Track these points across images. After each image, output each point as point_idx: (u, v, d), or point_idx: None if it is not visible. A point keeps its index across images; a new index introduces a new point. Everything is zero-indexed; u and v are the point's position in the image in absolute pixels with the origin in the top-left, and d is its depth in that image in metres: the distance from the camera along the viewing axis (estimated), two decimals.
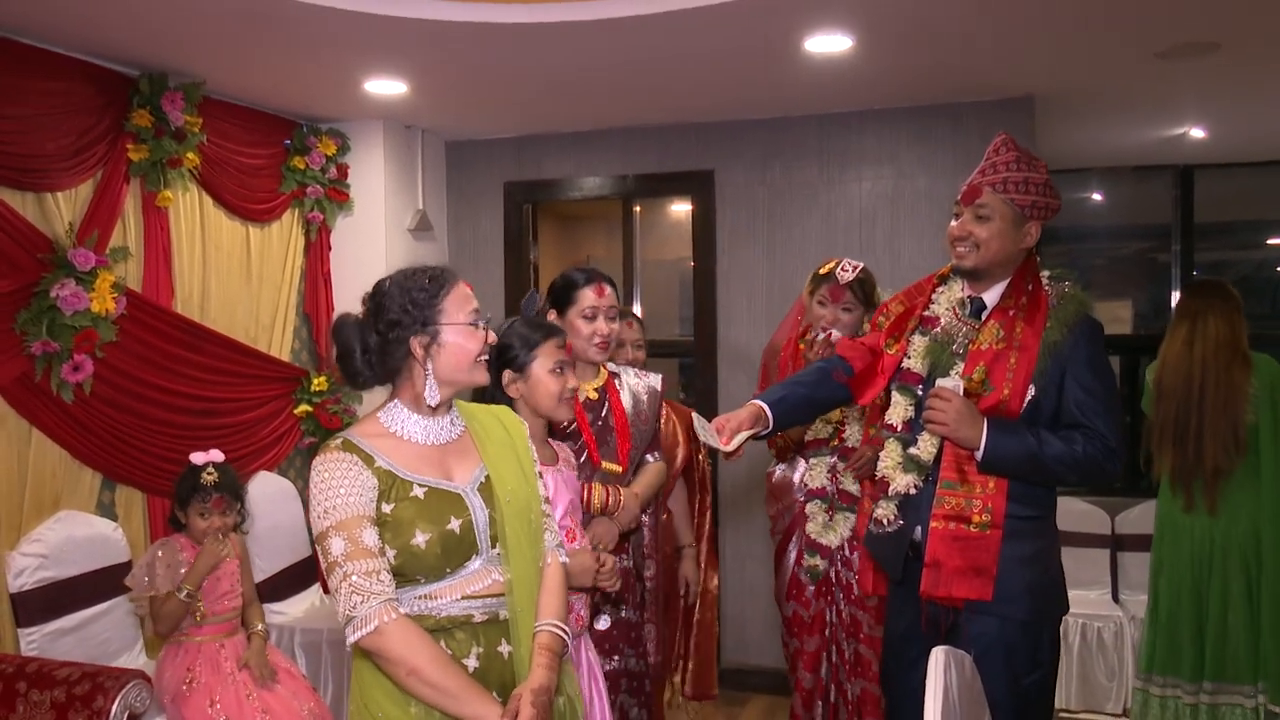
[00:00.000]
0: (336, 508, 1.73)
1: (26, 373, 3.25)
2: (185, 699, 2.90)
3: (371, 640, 1.69)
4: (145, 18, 3.19)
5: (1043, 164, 2.33)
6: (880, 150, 4.51)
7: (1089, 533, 4.58)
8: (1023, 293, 2.30)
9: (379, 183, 4.67)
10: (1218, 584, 3.33)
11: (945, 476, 2.29)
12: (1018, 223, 2.28)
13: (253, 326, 4.27)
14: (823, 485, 3.12)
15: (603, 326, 2.65)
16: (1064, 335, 2.23)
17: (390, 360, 1.84)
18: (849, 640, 3.07)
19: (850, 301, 3.05)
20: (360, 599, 1.68)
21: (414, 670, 1.68)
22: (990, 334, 2.29)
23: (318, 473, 1.77)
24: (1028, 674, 2.26)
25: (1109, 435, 2.21)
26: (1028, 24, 3.37)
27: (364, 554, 1.71)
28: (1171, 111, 4.57)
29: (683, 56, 3.67)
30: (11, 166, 3.20)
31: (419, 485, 1.80)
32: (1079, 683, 4.26)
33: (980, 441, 2.21)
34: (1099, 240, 6.28)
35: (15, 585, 3.08)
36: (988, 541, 2.23)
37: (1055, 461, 2.20)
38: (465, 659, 1.77)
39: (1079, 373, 2.23)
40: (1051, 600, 2.32)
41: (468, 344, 1.85)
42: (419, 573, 1.77)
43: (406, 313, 1.83)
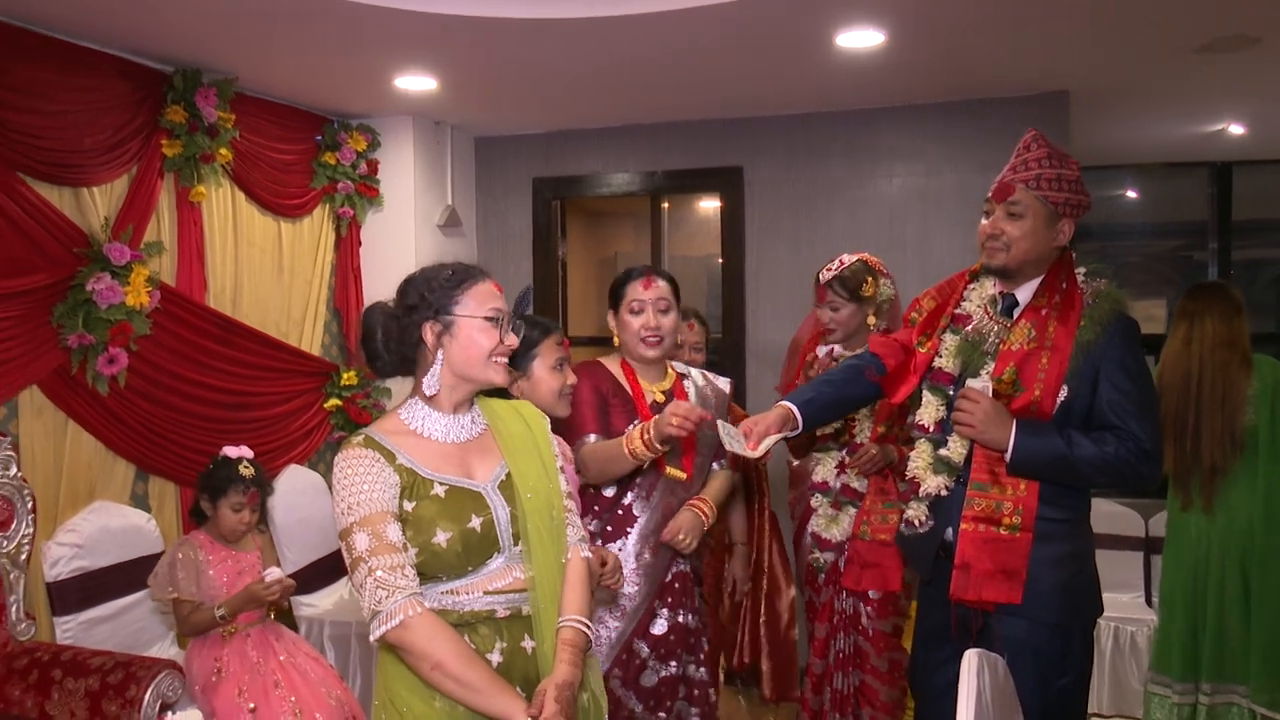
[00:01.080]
0: (360, 504, 1.74)
1: (63, 365, 3.29)
2: (214, 689, 2.93)
3: (396, 634, 1.69)
4: (179, 15, 3.22)
5: (1074, 161, 2.29)
6: (911, 146, 4.48)
7: (1122, 535, 4.52)
8: (1056, 291, 2.26)
9: (409, 178, 4.69)
10: (1214, 584, 3.31)
11: (976, 478, 2.26)
12: (1051, 220, 2.24)
13: (284, 321, 4.30)
14: (826, 480, 3.10)
15: (650, 319, 2.58)
16: (1098, 334, 2.19)
17: (405, 346, 1.85)
18: (849, 633, 3.06)
19: (834, 300, 3.01)
20: (385, 593, 1.69)
21: (438, 664, 1.68)
22: (1021, 333, 2.25)
23: (340, 469, 1.78)
24: (1058, 678, 2.23)
25: (1143, 437, 2.16)
26: (1063, 18, 3.32)
27: (388, 549, 1.71)
28: (1209, 107, 4.50)
29: (713, 52, 3.65)
30: (49, 162, 3.24)
31: (440, 484, 1.80)
32: (1111, 687, 4.21)
33: (1008, 443, 2.18)
34: (1133, 238, 6.20)
35: (51, 575, 3.12)
36: (1018, 544, 2.20)
37: (1086, 464, 2.16)
38: (489, 654, 1.78)
39: (1113, 373, 2.19)
40: (1084, 603, 2.28)
41: (481, 339, 1.83)
42: (440, 571, 1.77)
43: (424, 299, 1.84)
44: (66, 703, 2.70)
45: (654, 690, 2.59)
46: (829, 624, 3.10)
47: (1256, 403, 3.29)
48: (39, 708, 2.72)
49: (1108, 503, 4.61)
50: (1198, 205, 5.59)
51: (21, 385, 3.20)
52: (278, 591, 2.97)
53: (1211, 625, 3.30)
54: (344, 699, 3.10)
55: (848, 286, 3.01)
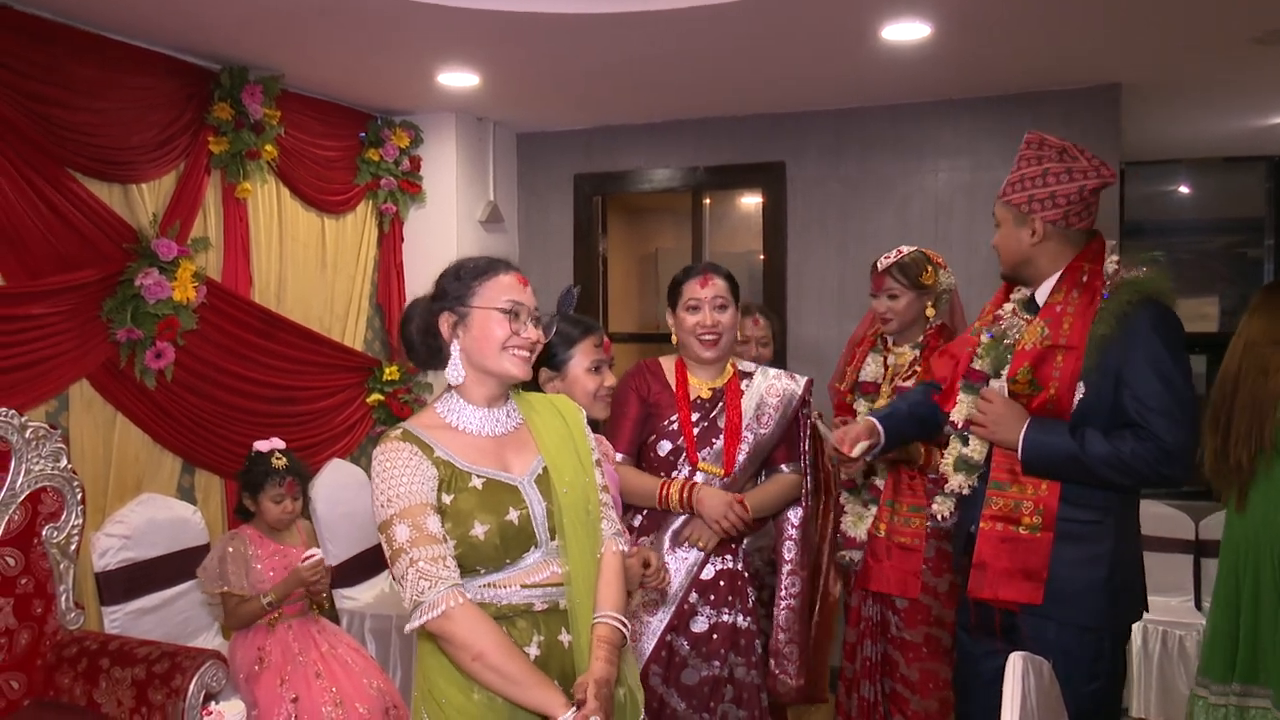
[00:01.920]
0: (401, 495, 1.74)
1: (111, 359, 3.35)
2: (257, 679, 2.96)
3: (438, 624, 1.69)
4: (226, 14, 3.26)
5: (1051, 152, 2.25)
6: (957, 141, 4.41)
7: (1171, 537, 4.42)
8: (1075, 285, 2.22)
9: (451, 174, 4.71)
10: (1249, 583, 3.23)
11: (995, 477, 2.27)
12: (1019, 222, 2.28)
13: (327, 316, 4.34)
14: (854, 478, 3.05)
15: (706, 318, 2.58)
16: (1113, 328, 2.13)
17: (430, 337, 1.87)
18: (875, 641, 3.01)
19: (894, 287, 2.96)
20: (428, 584, 1.69)
21: (479, 655, 1.68)
22: (1035, 332, 2.23)
23: (379, 462, 1.78)
24: (1088, 682, 2.17)
25: (1164, 436, 2.08)
26: (1114, 8, 3.25)
27: (429, 540, 1.71)
28: (1266, 100, 4.39)
29: (756, 46, 3.62)
30: (99, 159, 3.30)
31: (477, 476, 1.80)
32: (1160, 692, 4.13)
33: (1019, 442, 2.18)
34: (1184, 234, 6.06)
35: (100, 565, 3.18)
36: (1038, 544, 2.18)
37: (1099, 463, 2.11)
38: (527, 647, 1.78)
39: (1135, 367, 2.12)
40: (1117, 607, 2.21)
41: (494, 329, 1.82)
42: (478, 563, 1.77)
43: (444, 290, 1.86)
44: (114, 691, 2.74)
45: (695, 689, 2.57)
46: (857, 629, 3.06)
47: None
48: (87, 695, 2.77)
49: (1158, 504, 4.52)
50: (1254, 201, 5.46)
51: (72, 379, 3.26)
52: (319, 571, 3.00)
53: (1245, 626, 3.23)
54: (385, 689, 3.12)
55: (908, 274, 2.95)
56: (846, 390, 3.15)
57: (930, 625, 2.91)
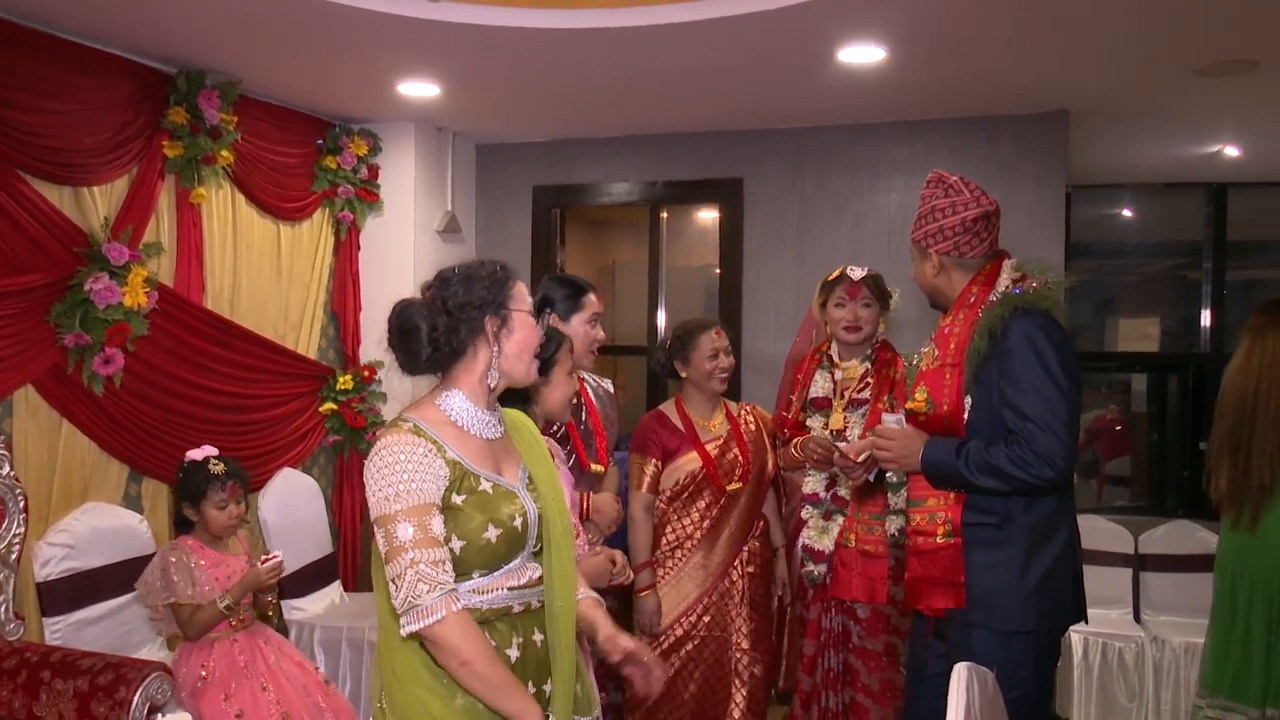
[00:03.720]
0: (410, 492, 1.72)
1: (59, 364, 3.29)
2: (201, 693, 2.91)
3: (434, 629, 1.69)
4: (184, 17, 3.23)
5: (940, 189, 2.41)
6: (912, 161, 4.49)
7: (1111, 551, 4.53)
8: (963, 307, 2.37)
9: (409, 184, 4.70)
10: (1243, 602, 3.30)
11: (912, 494, 2.43)
12: (922, 257, 2.46)
13: (281, 324, 4.30)
14: (816, 491, 3.17)
15: (600, 333, 2.91)
16: (985, 341, 2.25)
17: (457, 339, 1.83)
18: (837, 651, 3.11)
19: (868, 297, 3.14)
20: (427, 588, 1.68)
21: (467, 661, 1.70)
22: (929, 354, 2.39)
23: (389, 452, 1.74)
24: (1009, 688, 2.16)
25: (1037, 439, 2.16)
26: (1064, 38, 3.34)
27: (432, 543, 1.71)
28: (1207, 129, 4.53)
29: (715, 65, 3.67)
30: (50, 160, 3.24)
31: (485, 479, 1.82)
32: (1100, 704, 4.22)
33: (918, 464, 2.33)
34: (1129, 256, 6.23)
35: (41, 574, 3.11)
36: (951, 551, 2.29)
37: (979, 471, 2.22)
38: (508, 649, 1.81)
39: (1008, 378, 2.22)
40: (1040, 612, 2.25)
41: (530, 334, 1.89)
42: (478, 566, 1.79)
43: (479, 294, 1.83)
44: (55, 704, 2.68)
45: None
46: (816, 641, 3.13)
47: None
48: (27, 709, 2.71)
49: (1099, 518, 4.63)
50: (1194, 225, 5.61)
51: (17, 384, 3.20)
52: (278, 574, 3.02)
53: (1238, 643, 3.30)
54: (329, 704, 3.08)
55: (879, 288, 3.17)
56: (798, 409, 3.21)
57: (889, 634, 3.02)
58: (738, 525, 3.17)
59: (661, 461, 3.19)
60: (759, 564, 3.20)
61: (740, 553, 3.17)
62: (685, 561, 3.14)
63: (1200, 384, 5.47)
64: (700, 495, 3.15)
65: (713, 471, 3.14)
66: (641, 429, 3.25)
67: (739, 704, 3.13)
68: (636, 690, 2.02)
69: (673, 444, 3.19)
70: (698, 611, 3.13)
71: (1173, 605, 4.44)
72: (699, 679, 3.14)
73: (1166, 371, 5.82)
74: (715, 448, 3.19)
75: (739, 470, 3.17)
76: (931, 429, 2.34)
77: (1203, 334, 5.53)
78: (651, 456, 3.18)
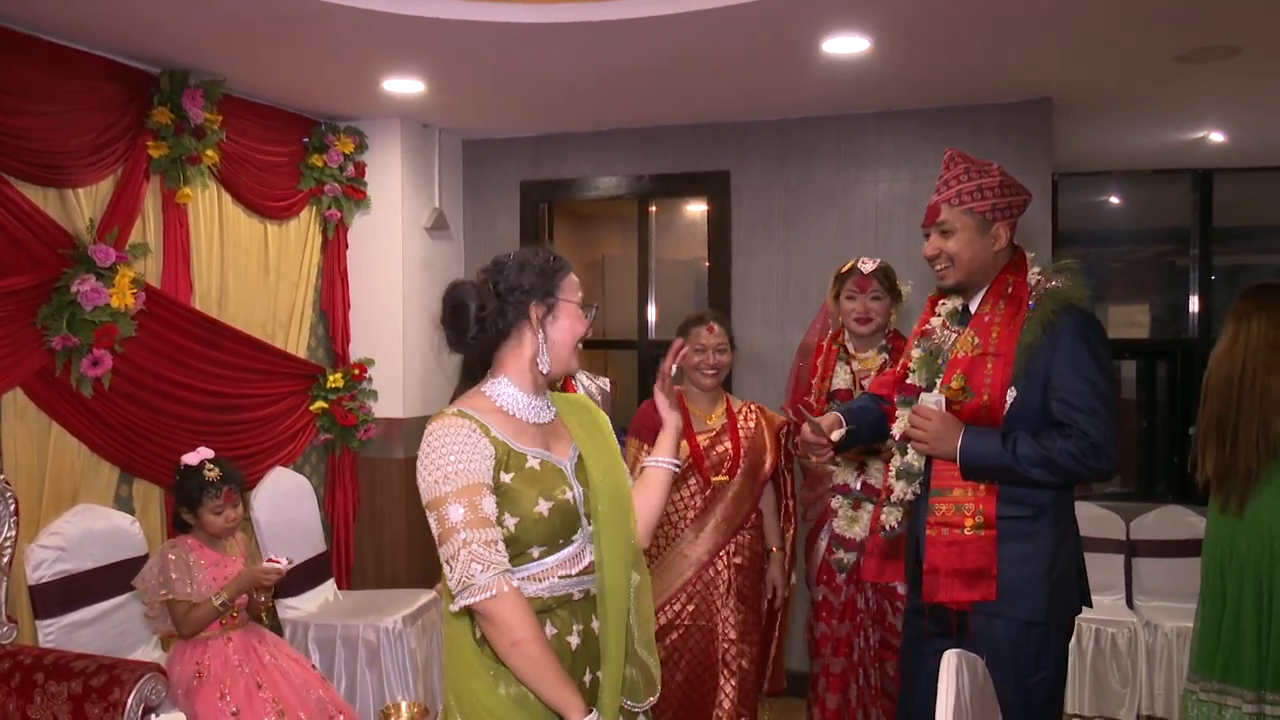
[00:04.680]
0: (458, 473, 1.74)
1: (46, 367, 3.28)
2: (196, 692, 2.92)
3: (489, 605, 1.70)
4: (167, 17, 3.22)
5: (995, 167, 2.38)
6: (898, 152, 4.50)
7: (1103, 537, 4.56)
8: (1000, 296, 2.34)
9: (396, 181, 4.69)
10: (1233, 587, 3.32)
11: (936, 484, 2.37)
12: (982, 229, 2.35)
13: (270, 323, 4.29)
14: (847, 482, 3.24)
15: (711, 358, 3.12)
16: (1039, 335, 2.24)
17: (504, 321, 1.88)
18: (875, 627, 3.22)
19: (878, 290, 3.22)
20: (481, 567, 1.70)
21: (519, 642, 1.71)
22: (967, 342, 2.35)
23: (436, 437, 1.78)
24: (1031, 674, 2.25)
25: (1091, 431, 2.19)
26: (1046, 26, 3.35)
27: (484, 523, 1.73)
28: (1191, 115, 4.54)
29: (700, 58, 3.67)
30: (34, 162, 3.23)
31: (533, 456, 1.85)
32: (1092, 688, 4.25)
33: (957, 453, 2.27)
34: (1117, 243, 6.25)
35: (34, 577, 3.11)
36: (984, 543, 2.27)
37: (1030, 464, 2.21)
38: (569, 637, 1.83)
39: (1061, 370, 2.23)
40: (1059, 600, 2.30)
41: (576, 324, 1.92)
42: (535, 543, 1.80)
43: (529, 280, 1.89)
44: (49, 706, 2.68)
45: None
46: (851, 622, 3.22)
47: None
48: (21, 712, 2.70)
49: (1090, 505, 4.65)
50: (1180, 212, 5.63)
51: (4, 387, 3.19)
52: (276, 577, 3.02)
53: (1228, 626, 3.32)
54: (327, 698, 3.09)
55: (889, 279, 3.24)
56: (823, 400, 3.24)
57: None
58: (724, 517, 3.20)
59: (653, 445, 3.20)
60: (747, 557, 3.23)
61: (727, 544, 3.19)
62: (669, 545, 3.20)
63: (1189, 370, 5.50)
64: (686, 484, 3.21)
65: (698, 461, 3.20)
66: (639, 414, 3.33)
67: (728, 694, 3.15)
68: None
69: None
70: (681, 600, 3.17)
71: (1164, 590, 4.48)
72: (685, 669, 3.16)
73: (1155, 358, 5.85)
74: (706, 439, 3.25)
75: (727, 464, 3.22)
76: (964, 417, 2.30)
77: (1191, 320, 5.56)
78: (645, 441, 3.24)
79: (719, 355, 3.24)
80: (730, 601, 3.17)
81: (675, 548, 3.20)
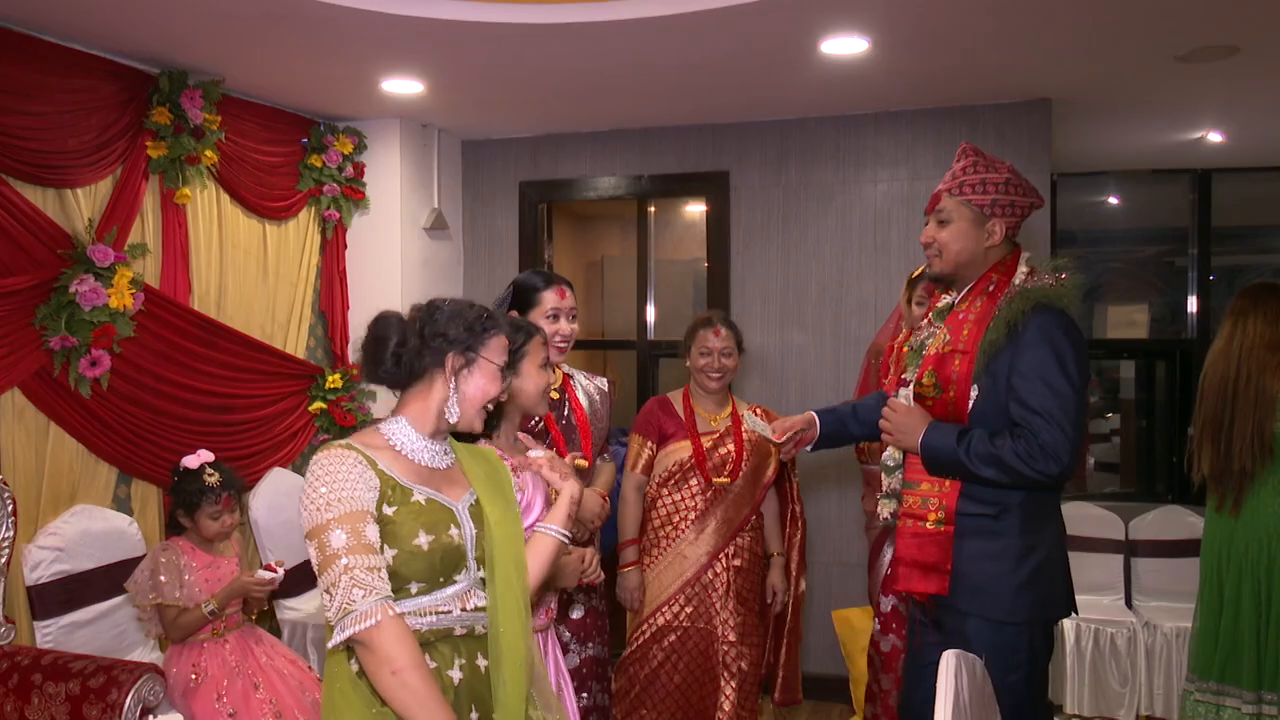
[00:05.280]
0: (341, 500, 1.72)
1: (45, 367, 3.28)
2: (194, 694, 2.92)
3: (369, 633, 1.66)
4: (166, 16, 3.21)
5: (1005, 165, 2.38)
6: (896, 152, 4.51)
7: (1102, 538, 4.56)
8: (981, 293, 2.34)
9: (395, 181, 4.69)
10: (1231, 587, 3.33)
11: (908, 477, 2.41)
12: (978, 222, 2.34)
13: (268, 324, 4.29)
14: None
15: (564, 327, 2.81)
16: (1002, 334, 2.23)
17: (420, 364, 1.87)
18: None
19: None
20: (362, 593, 1.67)
21: (400, 670, 1.66)
22: (940, 338, 2.36)
23: (320, 466, 1.76)
24: (1005, 675, 2.21)
25: (1043, 435, 2.17)
26: (1045, 26, 3.35)
27: (367, 549, 1.70)
28: (1190, 115, 4.55)
29: (699, 58, 3.67)
30: (33, 163, 3.23)
31: (419, 492, 1.83)
32: (1092, 688, 4.24)
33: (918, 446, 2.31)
34: (1116, 244, 6.25)
35: (32, 578, 3.11)
36: (941, 538, 2.29)
37: (980, 461, 2.21)
38: (450, 670, 1.78)
39: (1021, 371, 2.22)
40: (1034, 601, 2.27)
41: (490, 385, 1.91)
42: (413, 578, 1.77)
43: (455, 331, 1.88)
44: (47, 707, 2.68)
45: (574, 671, 2.78)
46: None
47: None
48: (19, 712, 2.71)
49: (1089, 505, 4.66)
50: (1179, 212, 5.64)
51: (3, 388, 3.18)
52: (269, 588, 3.01)
53: (1225, 627, 3.32)
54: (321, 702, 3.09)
55: None
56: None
57: None
58: (724, 519, 3.20)
59: (656, 445, 3.29)
60: (747, 559, 3.23)
61: (727, 546, 3.20)
62: (669, 546, 3.21)
63: (1188, 370, 5.50)
64: (688, 484, 3.23)
65: (700, 461, 3.22)
66: (644, 412, 3.37)
67: (729, 697, 3.15)
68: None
69: (669, 429, 3.29)
70: (679, 602, 3.17)
71: (1163, 590, 4.48)
72: (683, 670, 3.17)
73: (1154, 358, 5.85)
74: (710, 440, 3.26)
75: (729, 466, 3.22)
76: (935, 413, 2.33)
77: (1190, 320, 5.56)
78: (649, 439, 3.29)
79: (725, 359, 3.24)
80: (729, 604, 3.17)
81: (675, 548, 3.20)
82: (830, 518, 4.51)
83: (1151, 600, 4.49)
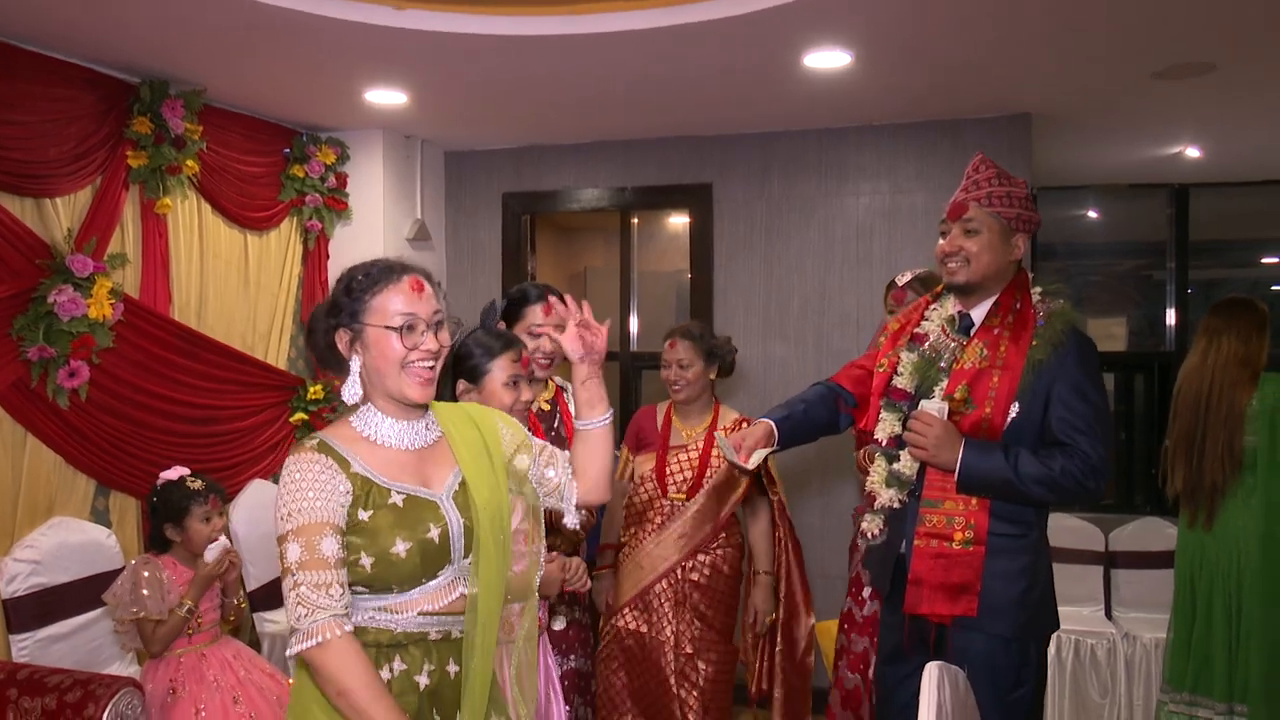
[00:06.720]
0: (301, 511, 1.65)
1: (22, 378, 3.25)
2: (172, 708, 2.88)
3: (311, 654, 1.63)
4: (148, 26, 3.20)
5: (1021, 181, 2.39)
6: (878, 165, 4.53)
7: (1082, 549, 4.58)
8: (1010, 310, 2.33)
9: (378, 192, 4.68)
10: (1203, 599, 3.36)
11: (928, 495, 2.33)
12: (1005, 235, 2.33)
13: (250, 334, 4.27)
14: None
15: (546, 344, 2.72)
16: (1049, 354, 2.25)
17: (333, 350, 1.78)
18: None
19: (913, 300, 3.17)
20: (305, 611, 1.62)
21: (344, 692, 1.61)
22: (974, 352, 2.32)
23: (289, 472, 1.69)
24: (1011, 690, 2.25)
25: (1091, 453, 2.20)
26: (1025, 42, 3.39)
27: (317, 564, 1.63)
28: (1167, 131, 4.60)
29: (682, 71, 3.68)
30: (12, 172, 3.21)
31: (397, 492, 1.73)
32: (1072, 699, 4.26)
33: (957, 464, 2.24)
34: (1094, 257, 6.30)
35: (8, 591, 3.07)
36: (971, 558, 2.26)
37: (1031, 481, 2.20)
38: (418, 675, 1.74)
39: (1064, 390, 2.24)
40: (1039, 617, 2.31)
41: (389, 348, 1.73)
42: (394, 582, 1.71)
43: (338, 304, 1.76)
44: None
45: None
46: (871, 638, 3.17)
47: (1257, 422, 3.27)
48: None
49: (1069, 517, 4.68)
50: (1157, 226, 5.69)
51: None
52: (226, 560, 2.96)
53: (1199, 640, 3.35)
54: None
55: (927, 285, 3.16)
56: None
57: None
58: (681, 534, 3.21)
59: (634, 453, 3.40)
60: (708, 576, 3.20)
61: (686, 562, 3.20)
62: (629, 554, 3.27)
63: (1166, 382, 5.53)
64: (651, 495, 3.29)
65: (660, 475, 3.27)
66: (631, 420, 3.48)
67: (692, 707, 3.14)
68: None
69: (646, 439, 3.37)
70: (637, 608, 3.21)
71: (1143, 601, 4.50)
72: (639, 676, 3.20)
73: (1133, 371, 5.90)
74: (677, 454, 3.29)
75: (688, 484, 3.24)
76: (962, 428, 2.27)
77: (1168, 333, 5.62)
78: (628, 446, 3.40)
79: (681, 370, 3.24)
80: (685, 614, 3.17)
81: (633, 557, 3.25)
82: (813, 530, 4.51)
83: (1131, 611, 4.51)
